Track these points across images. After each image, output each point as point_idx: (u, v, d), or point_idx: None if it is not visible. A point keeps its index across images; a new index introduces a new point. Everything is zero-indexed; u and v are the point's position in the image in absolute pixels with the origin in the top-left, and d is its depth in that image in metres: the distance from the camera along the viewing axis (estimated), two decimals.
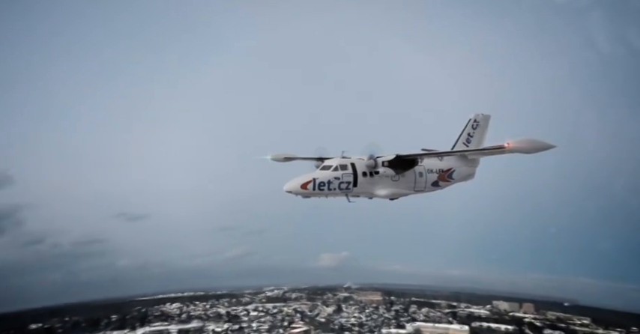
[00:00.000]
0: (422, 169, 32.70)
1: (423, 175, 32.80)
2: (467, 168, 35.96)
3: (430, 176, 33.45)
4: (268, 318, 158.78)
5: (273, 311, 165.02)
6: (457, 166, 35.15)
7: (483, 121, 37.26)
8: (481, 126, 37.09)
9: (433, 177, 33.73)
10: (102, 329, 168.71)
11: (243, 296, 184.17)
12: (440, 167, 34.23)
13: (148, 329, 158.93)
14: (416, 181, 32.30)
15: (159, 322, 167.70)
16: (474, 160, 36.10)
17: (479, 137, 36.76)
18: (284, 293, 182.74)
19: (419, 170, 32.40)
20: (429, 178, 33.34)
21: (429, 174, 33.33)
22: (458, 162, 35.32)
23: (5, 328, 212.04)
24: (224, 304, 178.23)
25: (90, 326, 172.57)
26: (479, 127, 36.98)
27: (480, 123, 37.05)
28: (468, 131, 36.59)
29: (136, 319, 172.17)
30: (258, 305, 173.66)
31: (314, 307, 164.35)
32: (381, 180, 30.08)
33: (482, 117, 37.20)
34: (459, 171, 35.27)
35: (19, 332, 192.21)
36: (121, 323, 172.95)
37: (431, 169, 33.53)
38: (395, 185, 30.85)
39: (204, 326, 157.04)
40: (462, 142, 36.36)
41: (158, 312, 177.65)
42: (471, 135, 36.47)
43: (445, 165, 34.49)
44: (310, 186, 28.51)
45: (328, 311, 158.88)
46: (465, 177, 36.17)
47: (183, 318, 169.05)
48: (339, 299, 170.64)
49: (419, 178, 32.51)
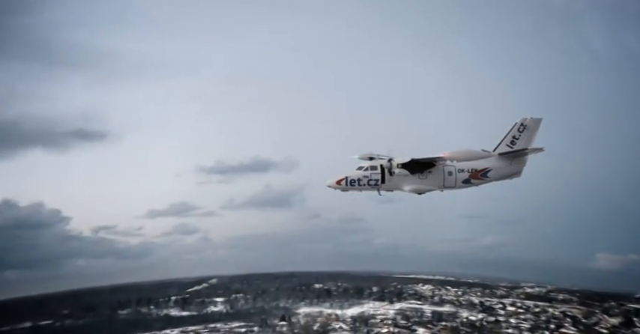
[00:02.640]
0: (452, 169, 36.20)
1: (452, 174, 36.24)
2: (508, 168, 37.78)
3: (460, 175, 36.49)
4: (529, 316, 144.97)
5: (535, 309, 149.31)
6: (495, 166, 37.28)
7: (532, 125, 37.97)
8: (529, 130, 37.88)
9: (464, 176, 36.62)
10: (365, 297, 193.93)
11: (498, 289, 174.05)
12: (473, 166, 36.60)
13: (405, 305, 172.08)
14: (445, 179, 36.12)
15: (413, 300, 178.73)
16: (518, 160, 37.74)
17: (525, 140, 37.65)
18: (547, 292, 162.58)
19: (448, 169, 36.08)
20: (459, 177, 36.44)
21: (459, 173, 36.40)
22: (498, 162, 37.31)
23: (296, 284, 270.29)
24: (476, 293, 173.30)
25: (356, 293, 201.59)
26: (526, 131, 37.83)
27: (529, 126, 37.88)
28: (513, 134, 37.93)
29: (393, 294, 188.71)
30: (515, 300, 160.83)
31: (590, 314, 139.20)
32: (407, 177, 34.99)
33: (532, 121, 37.99)
34: (497, 170, 37.40)
35: (307, 289, 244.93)
36: (380, 295, 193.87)
37: (462, 169, 36.41)
38: (421, 182, 35.50)
39: (457, 312, 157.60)
40: (506, 144, 37.82)
41: (412, 291, 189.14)
42: (516, 138, 37.67)
43: (480, 165, 36.67)
44: (343, 183, 35.40)
45: (612, 322, 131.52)
46: (505, 175, 38.06)
47: (435, 301, 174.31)
48: (627, 310, 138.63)
49: (448, 176, 36.15)
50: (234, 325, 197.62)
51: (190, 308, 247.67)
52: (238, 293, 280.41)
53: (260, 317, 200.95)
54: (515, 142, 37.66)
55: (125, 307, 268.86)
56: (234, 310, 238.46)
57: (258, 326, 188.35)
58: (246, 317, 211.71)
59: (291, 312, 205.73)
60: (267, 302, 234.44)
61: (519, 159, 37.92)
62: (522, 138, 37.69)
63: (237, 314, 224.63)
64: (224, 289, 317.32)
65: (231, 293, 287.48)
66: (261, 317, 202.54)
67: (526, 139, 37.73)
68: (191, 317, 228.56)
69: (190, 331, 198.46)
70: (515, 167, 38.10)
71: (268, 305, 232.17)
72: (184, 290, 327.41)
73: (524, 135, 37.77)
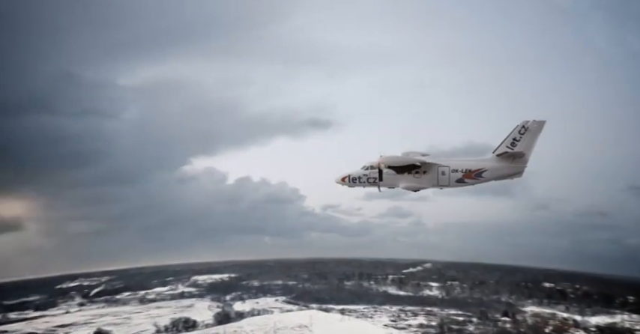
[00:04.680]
0: (445, 169, 38.75)
1: (445, 174, 38.72)
2: (507, 168, 38.36)
3: (454, 175, 38.68)
4: None
5: None
6: (492, 167, 38.45)
7: (535, 127, 37.65)
8: (531, 132, 37.54)
9: (457, 176, 38.69)
10: (617, 306, 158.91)
11: None
12: (467, 167, 38.62)
13: None
14: (438, 178, 38.90)
15: None
16: (519, 160, 37.75)
17: (527, 142, 37.48)
18: None
19: (442, 169, 38.79)
20: (452, 176, 38.70)
21: (452, 174, 38.65)
22: (495, 163, 38.32)
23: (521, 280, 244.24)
24: None
25: (602, 300, 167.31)
26: (528, 133, 37.56)
27: (530, 128, 37.60)
28: (513, 136, 37.77)
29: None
30: None
31: None
32: (403, 176, 39.01)
33: (534, 123, 37.79)
34: (493, 171, 38.52)
35: (534, 287, 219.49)
36: (638, 307, 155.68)
37: (455, 169, 38.63)
38: (416, 181, 38.98)
39: None
40: (506, 146, 37.79)
41: None
42: (517, 140, 37.59)
43: (475, 166, 38.62)
44: (347, 180, 40.60)
45: None
46: (504, 176, 38.84)
47: None
48: None
49: (441, 176, 38.81)
50: (452, 312, 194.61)
51: (407, 289, 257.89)
52: (454, 281, 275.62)
53: (479, 309, 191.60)
54: (515, 144, 37.79)
55: (349, 279, 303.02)
56: (450, 297, 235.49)
57: (477, 318, 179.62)
58: (463, 305, 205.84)
59: (515, 309, 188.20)
60: (487, 295, 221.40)
61: (520, 160, 38.08)
62: (523, 141, 37.68)
63: (454, 301, 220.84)
64: (438, 274, 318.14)
65: (446, 280, 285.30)
66: (480, 308, 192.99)
67: (527, 141, 37.67)
68: (408, 298, 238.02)
69: (408, 310, 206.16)
70: (516, 167, 38.48)
71: (487, 297, 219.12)
72: (400, 270, 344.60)
73: (526, 138, 37.65)
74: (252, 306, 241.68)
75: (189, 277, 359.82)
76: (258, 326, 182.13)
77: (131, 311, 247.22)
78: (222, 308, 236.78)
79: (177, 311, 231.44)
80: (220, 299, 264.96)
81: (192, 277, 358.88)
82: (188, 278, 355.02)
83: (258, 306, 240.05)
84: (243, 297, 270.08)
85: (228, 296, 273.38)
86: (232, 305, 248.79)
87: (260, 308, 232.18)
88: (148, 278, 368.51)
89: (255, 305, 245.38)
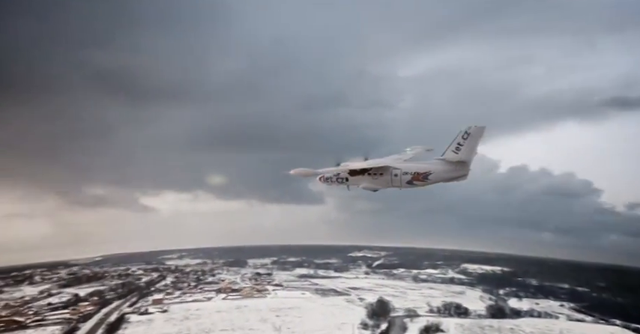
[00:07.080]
0: (398, 172, 41.62)
1: (397, 176, 41.62)
2: (453, 172, 40.08)
3: (404, 177, 41.43)
4: None
5: None
6: (437, 170, 40.36)
7: (476, 132, 38.53)
8: (473, 137, 38.47)
9: (407, 178, 41.38)
10: None
11: None
12: (415, 170, 41.12)
13: None
14: (392, 180, 41.93)
15: None
16: (460, 164, 39.32)
17: (469, 147, 38.69)
18: None
19: (395, 172, 41.68)
20: (403, 178, 41.53)
21: (403, 176, 41.45)
22: (439, 167, 40.24)
23: None
24: None
25: None
26: (470, 138, 38.46)
27: (472, 134, 38.50)
28: (457, 141, 38.87)
29: None
30: None
31: None
32: (363, 177, 42.66)
33: (475, 129, 38.55)
34: (439, 173, 40.42)
35: None
36: None
37: (406, 172, 41.39)
38: (374, 182, 42.50)
39: None
40: (452, 150, 39.28)
41: None
42: (460, 145, 38.74)
43: (423, 169, 40.90)
44: (322, 179, 45.49)
45: None
46: (449, 178, 40.63)
47: None
48: None
49: (394, 178, 41.83)
50: None
51: None
52: None
53: None
54: (460, 148, 38.59)
55: None
56: None
57: None
58: None
59: None
60: None
61: (463, 164, 39.10)
62: (466, 145, 38.41)
63: None
64: None
65: None
66: None
67: (469, 147, 38.45)
68: None
69: None
70: (461, 171, 39.77)
71: None
72: None
73: (467, 143, 38.34)
74: (530, 306, 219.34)
75: (459, 264, 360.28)
76: (539, 330, 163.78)
77: (406, 287, 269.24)
78: (495, 302, 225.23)
79: (448, 296, 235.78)
80: (492, 292, 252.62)
81: (462, 264, 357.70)
82: (458, 265, 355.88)
83: (538, 308, 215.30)
84: (520, 295, 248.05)
85: (502, 291, 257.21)
86: (507, 301, 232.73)
87: (541, 310, 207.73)
88: (420, 259, 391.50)
89: (535, 305, 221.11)
